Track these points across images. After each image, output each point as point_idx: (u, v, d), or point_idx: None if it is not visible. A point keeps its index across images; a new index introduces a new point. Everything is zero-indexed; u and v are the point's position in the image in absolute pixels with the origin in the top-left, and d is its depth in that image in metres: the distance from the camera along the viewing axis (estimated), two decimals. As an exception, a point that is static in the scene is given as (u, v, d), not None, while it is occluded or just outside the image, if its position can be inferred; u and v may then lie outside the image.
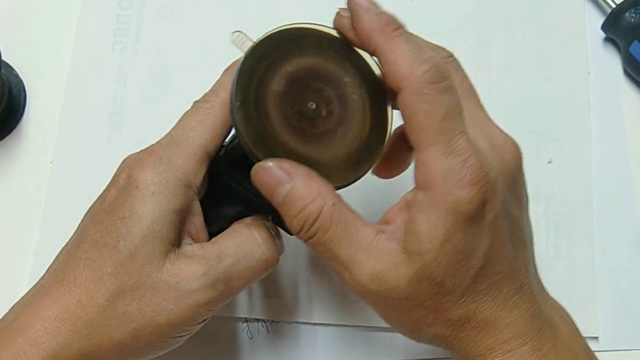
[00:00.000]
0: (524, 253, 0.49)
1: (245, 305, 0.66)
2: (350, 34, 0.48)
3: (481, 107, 0.50)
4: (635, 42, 0.73)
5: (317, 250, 0.47)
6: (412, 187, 0.47)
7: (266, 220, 0.54)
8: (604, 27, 0.77)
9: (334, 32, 0.50)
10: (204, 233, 0.52)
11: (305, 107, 0.48)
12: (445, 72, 0.45)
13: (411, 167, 0.49)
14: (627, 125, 0.75)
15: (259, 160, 0.46)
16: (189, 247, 0.50)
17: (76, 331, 0.48)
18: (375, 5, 0.47)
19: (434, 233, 0.44)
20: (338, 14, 0.49)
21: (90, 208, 0.53)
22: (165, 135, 0.52)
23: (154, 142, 0.52)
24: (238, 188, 0.52)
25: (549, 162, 0.72)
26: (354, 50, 0.50)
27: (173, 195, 0.49)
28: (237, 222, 0.53)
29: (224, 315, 0.65)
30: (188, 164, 0.50)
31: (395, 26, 0.45)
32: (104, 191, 0.52)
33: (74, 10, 0.76)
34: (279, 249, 0.54)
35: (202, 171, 0.51)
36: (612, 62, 0.77)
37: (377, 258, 0.46)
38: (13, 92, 0.71)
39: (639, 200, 0.72)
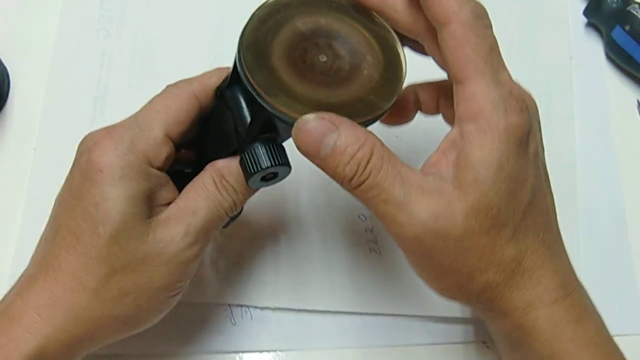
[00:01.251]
0: (553, 200, 0.51)
1: (228, 291, 0.66)
2: None
3: None
4: (617, 27, 0.74)
5: (369, 195, 0.46)
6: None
7: (235, 162, 0.53)
8: (586, 13, 0.77)
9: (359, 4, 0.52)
10: (174, 193, 0.53)
11: (316, 59, 0.49)
12: (487, 14, 0.47)
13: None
14: (610, 109, 0.76)
15: (250, 84, 0.47)
16: (164, 211, 0.51)
17: (73, 315, 0.48)
18: None
19: (490, 159, 0.45)
20: None
21: (59, 193, 0.53)
22: (130, 117, 0.52)
23: (122, 123, 0.52)
24: (229, 115, 0.51)
25: (533, 147, 0.73)
26: (360, 8, 0.52)
27: (140, 177, 0.50)
28: (204, 171, 0.53)
29: (207, 301, 0.65)
30: (149, 146, 0.50)
31: None
32: (69, 175, 0.52)
33: (57, -2, 0.76)
34: (242, 195, 0.53)
35: (164, 153, 0.51)
36: (594, 47, 0.78)
37: (430, 195, 0.45)
38: (-4, 78, 0.71)
39: (623, 183, 0.72)
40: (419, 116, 0.57)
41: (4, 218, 0.68)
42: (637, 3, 0.74)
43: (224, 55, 0.73)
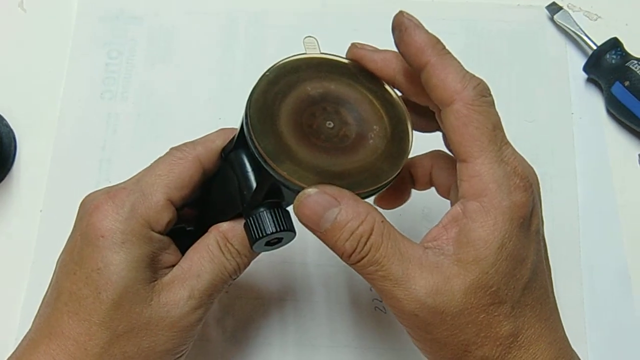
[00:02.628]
0: (550, 272, 0.50)
1: (235, 352, 0.66)
2: (371, 64, 0.51)
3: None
4: (617, 82, 0.74)
5: (368, 271, 0.46)
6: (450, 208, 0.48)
7: (240, 225, 0.53)
8: (586, 69, 0.78)
9: (346, 61, 0.52)
10: (177, 256, 0.53)
11: (323, 125, 0.49)
12: (489, 89, 0.47)
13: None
14: (612, 164, 0.76)
15: (256, 149, 0.47)
16: (168, 274, 0.51)
17: None
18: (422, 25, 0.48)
19: (491, 238, 0.45)
20: (353, 45, 0.52)
21: (60, 257, 0.53)
22: (133, 178, 0.53)
23: (120, 183, 0.53)
24: (234, 178, 0.51)
25: (536, 202, 0.73)
26: (370, 76, 0.52)
27: (142, 242, 0.50)
28: (208, 233, 0.53)
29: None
30: (150, 211, 0.50)
31: (443, 45, 0.48)
32: (70, 238, 0.52)
33: (63, 60, 0.77)
34: (246, 258, 0.54)
35: (166, 218, 0.51)
36: (595, 102, 0.78)
37: (430, 271, 0.46)
38: (3, 141, 0.72)
39: (625, 238, 0.72)
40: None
41: (10, 280, 0.68)
42: (635, 59, 0.75)
43: (228, 118, 0.74)
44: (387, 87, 0.52)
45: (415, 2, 0.81)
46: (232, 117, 0.73)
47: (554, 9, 0.81)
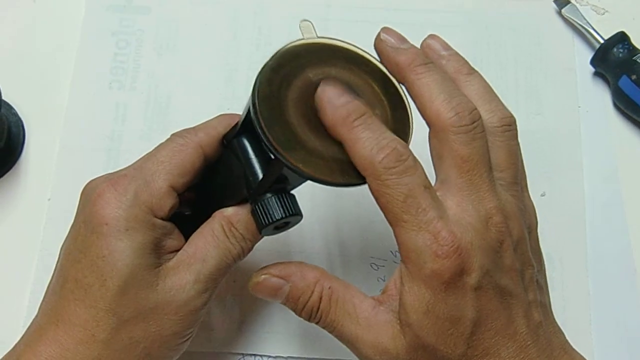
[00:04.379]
0: (526, 315, 0.49)
1: (242, 340, 0.66)
2: (387, 65, 0.52)
3: (490, 177, 0.49)
4: (624, 76, 0.74)
5: (327, 331, 0.51)
6: None
7: (244, 210, 0.54)
8: (593, 62, 0.78)
9: (345, 45, 0.52)
10: (181, 241, 0.53)
11: None
12: (405, 154, 0.46)
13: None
14: (618, 157, 0.76)
15: (268, 140, 0.46)
16: (173, 259, 0.51)
17: None
18: (341, 94, 0.48)
19: (417, 305, 0.46)
20: (379, 35, 0.52)
21: (64, 244, 0.53)
22: (134, 165, 0.53)
23: (121, 169, 0.53)
24: (238, 164, 0.52)
25: (542, 195, 0.73)
26: (369, 60, 0.52)
27: (145, 228, 0.50)
28: (212, 218, 0.53)
29: (221, 351, 0.66)
30: (153, 198, 0.51)
31: (356, 115, 0.47)
32: (73, 225, 0.53)
33: (72, 50, 0.77)
34: (250, 242, 0.54)
35: (168, 204, 0.52)
36: (601, 96, 0.79)
37: (376, 331, 0.48)
38: (12, 130, 0.72)
39: (631, 231, 0.73)
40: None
41: (18, 268, 0.69)
42: (643, 53, 0.75)
43: (236, 108, 0.74)
44: (385, 71, 0.52)
45: (421, -5, 0.82)
46: (240, 107, 0.73)
47: (561, 2, 0.81)
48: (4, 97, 0.67)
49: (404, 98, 0.51)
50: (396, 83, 0.52)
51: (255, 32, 0.79)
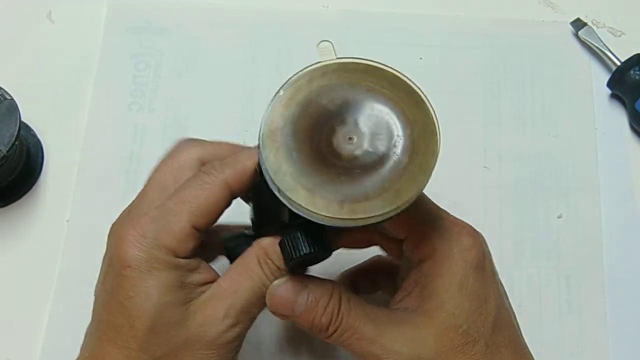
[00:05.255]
0: (515, 315, 0.52)
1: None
2: None
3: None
4: (641, 98, 0.75)
5: (344, 338, 0.49)
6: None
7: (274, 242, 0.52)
8: (610, 84, 0.78)
9: (365, 62, 0.48)
10: (211, 274, 0.52)
11: (342, 141, 0.46)
12: None
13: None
14: (635, 179, 0.76)
15: (270, 178, 0.45)
16: (205, 293, 0.51)
17: None
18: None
19: (449, 281, 0.48)
20: None
21: (96, 287, 0.53)
22: (157, 206, 0.51)
23: (145, 211, 0.51)
24: (268, 196, 0.49)
25: (559, 217, 0.73)
26: (392, 76, 0.48)
27: (168, 268, 0.49)
28: (250, 248, 0.52)
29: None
30: (174, 241, 0.50)
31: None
32: (101, 269, 0.52)
33: (91, 71, 0.78)
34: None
35: (190, 245, 0.50)
36: (618, 118, 0.79)
37: (399, 325, 0.49)
38: (31, 152, 0.73)
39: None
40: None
41: (37, 289, 0.69)
42: (659, 75, 0.75)
43: (255, 130, 0.74)
44: (412, 85, 0.47)
45: (439, 16, 0.82)
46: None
47: (578, 25, 0.81)
48: (23, 119, 0.67)
49: (431, 116, 0.47)
50: (419, 91, 0.47)
51: (275, 53, 0.79)
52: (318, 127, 0.46)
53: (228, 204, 0.52)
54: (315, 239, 0.49)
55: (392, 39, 0.80)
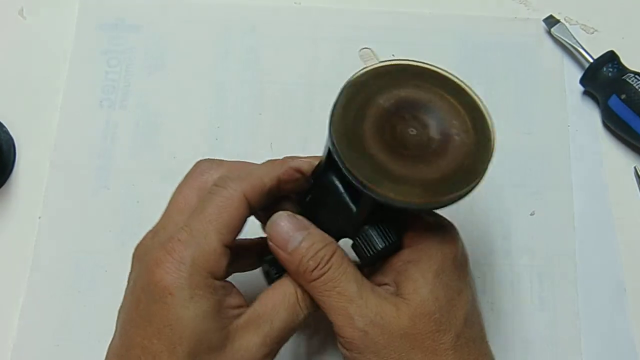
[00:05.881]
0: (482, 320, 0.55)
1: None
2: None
3: None
4: (614, 95, 0.75)
5: (326, 287, 0.51)
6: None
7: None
8: (583, 82, 0.78)
9: (406, 62, 0.53)
10: (241, 297, 0.53)
11: (406, 133, 0.50)
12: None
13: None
14: (608, 176, 0.76)
15: (353, 177, 0.47)
16: (241, 318, 0.51)
17: None
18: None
19: (426, 268, 0.50)
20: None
21: (123, 309, 0.52)
22: (184, 228, 0.51)
23: (172, 233, 0.51)
24: (329, 204, 0.53)
25: (531, 214, 0.73)
26: (433, 72, 0.53)
27: (209, 293, 0.49)
28: (285, 278, 0.53)
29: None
30: (211, 262, 0.50)
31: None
32: (131, 294, 0.52)
33: (63, 68, 0.77)
34: (314, 311, 0.54)
35: (224, 263, 0.51)
36: (591, 115, 0.79)
37: (379, 298, 0.50)
38: (3, 148, 0.72)
39: (621, 251, 0.73)
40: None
41: (8, 287, 0.68)
42: (632, 72, 0.75)
43: (226, 128, 0.75)
44: (452, 78, 0.52)
45: (411, 14, 0.82)
46: (230, 126, 0.74)
47: (551, 22, 0.81)
48: (-6, 116, 0.67)
49: (480, 104, 0.52)
50: (469, 89, 0.52)
51: (246, 50, 0.79)
52: (381, 124, 0.50)
53: (248, 216, 0.53)
54: (385, 232, 0.52)
55: (364, 36, 0.80)
